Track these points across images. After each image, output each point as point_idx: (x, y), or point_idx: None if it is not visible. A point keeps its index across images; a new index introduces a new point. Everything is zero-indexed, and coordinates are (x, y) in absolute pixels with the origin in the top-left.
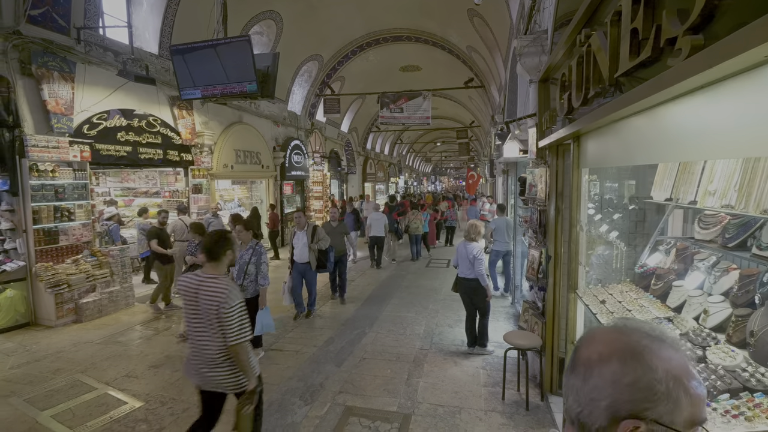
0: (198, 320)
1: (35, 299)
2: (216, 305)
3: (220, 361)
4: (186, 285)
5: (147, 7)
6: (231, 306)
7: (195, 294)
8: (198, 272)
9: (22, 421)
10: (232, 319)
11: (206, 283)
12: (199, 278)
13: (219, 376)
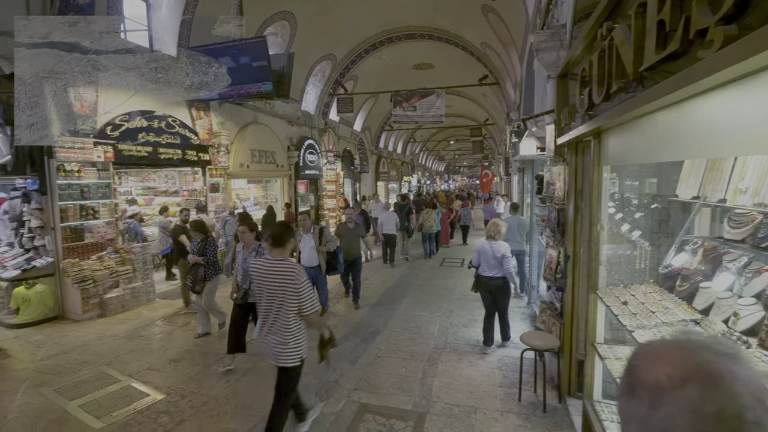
0: (270, 296)
1: (63, 294)
2: (287, 283)
3: (285, 332)
4: (258, 268)
5: (166, 11)
6: (302, 282)
7: (267, 275)
8: (267, 257)
9: (53, 410)
10: (304, 292)
11: (276, 265)
12: (270, 261)
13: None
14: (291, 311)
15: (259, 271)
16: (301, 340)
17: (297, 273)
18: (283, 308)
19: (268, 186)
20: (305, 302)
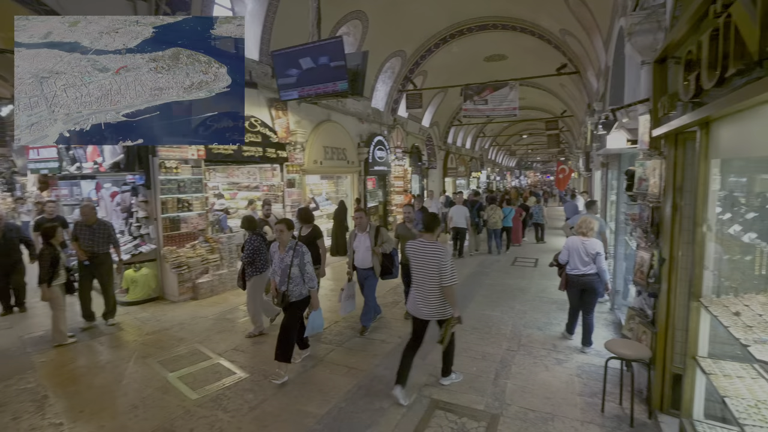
0: (422, 271)
1: (163, 277)
2: (437, 261)
3: (434, 298)
4: (414, 248)
5: (249, 18)
6: (447, 261)
7: (421, 254)
8: (420, 239)
9: (157, 379)
10: (447, 269)
11: (429, 247)
12: (423, 244)
13: (431, 309)
14: (436, 281)
15: (413, 251)
16: (445, 302)
17: (443, 253)
18: (432, 279)
19: (339, 182)
20: (446, 276)
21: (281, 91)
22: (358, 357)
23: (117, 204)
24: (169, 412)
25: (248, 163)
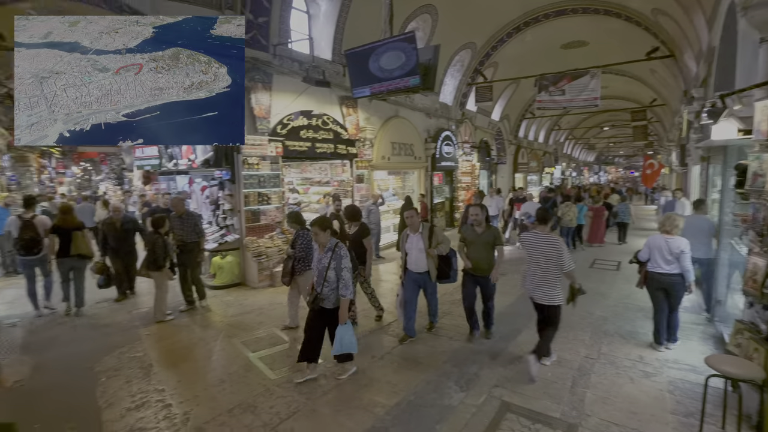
0: (539, 259)
1: (245, 265)
2: (554, 250)
3: (551, 283)
4: (530, 239)
5: (323, 20)
6: (564, 249)
7: (538, 244)
8: (535, 231)
9: (241, 358)
10: (564, 256)
11: (545, 237)
12: (538, 235)
13: (545, 293)
14: (555, 269)
15: (529, 242)
16: (561, 289)
17: (560, 242)
18: (550, 267)
19: (406, 177)
20: (565, 262)
21: (353, 88)
22: (425, 352)
23: (206, 197)
24: (251, 389)
25: (320, 159)
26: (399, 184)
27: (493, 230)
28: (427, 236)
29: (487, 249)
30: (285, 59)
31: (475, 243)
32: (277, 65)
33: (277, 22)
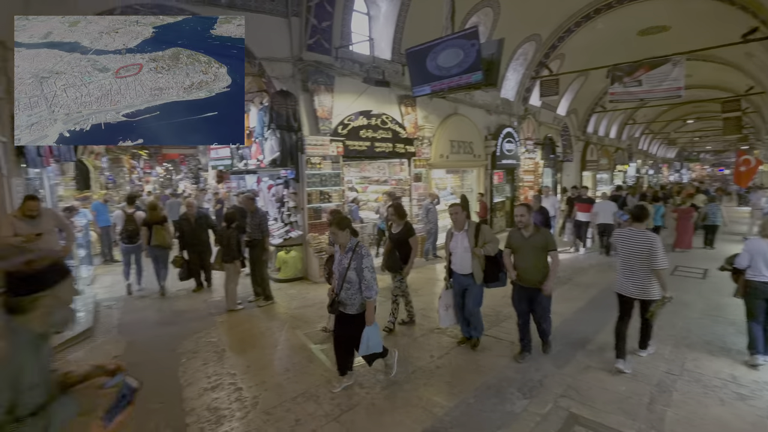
0: (633, 256)
1: (307, 260)
2: (648, 247)
3: (642, 279)
4: (624, 236)
5: (383, 20)
6: (658, 246)
7: (632, 241)
8: (629, 228)
9: (304, 349)
10: (658, 254)
11: (639, 235)
12: (633, 231)
13: (638, 288)
14: (646, 265)
15: (623, 239)
16: (655, 284)
17: (654, 239)
18: (643, 264)
19: (465, 176)
20: (658, 260)
21: (414, 87)
22: (485, 355)
23: (272, 195)
24: (314, 379)
25: (379, 159)
26: (457, 183)
27: (544, 233)
28: (473, 234)
29: (537, 255)
30: (346, 61)
31: (522, 249)
32: (339, 67)
33: (339, 26)
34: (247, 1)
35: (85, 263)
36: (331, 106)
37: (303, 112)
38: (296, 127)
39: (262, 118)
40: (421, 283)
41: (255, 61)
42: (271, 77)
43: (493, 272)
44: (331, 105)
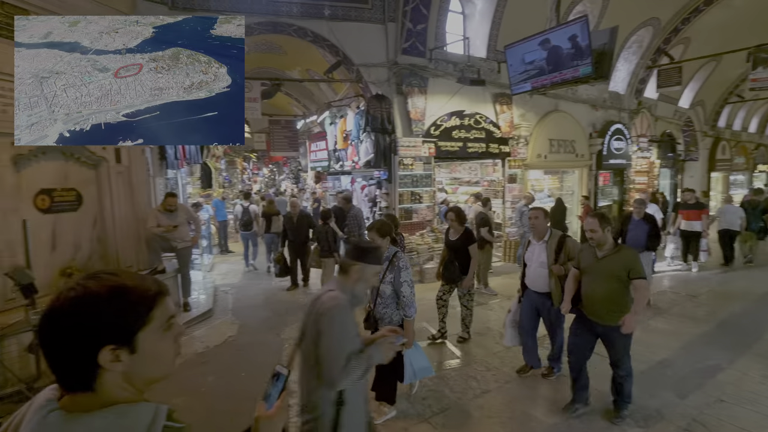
0: None
1: None
2: None
3: None
4: None
5: (478, 18)
6: None
7: None
8: None
9: None
10: None
11: None
12: None
13: None
14: None
15: None
16: None
17: None
18: None
19: (564, 177)
20: None
21: (512, 85)
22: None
23: (365, 195)
24: None
25: (471, 159)
26: (555, 185)
27: (626, 254)
28: (553, 248)
29: (610, 283)
30: (440, 62)
31: (591, 271)
32: (433, 69)
33: (434, 27)
34: (348, 12)
35: (206, 252)
36: (424, 108)
37: (396, 115)
38: (390, 129)
39: (358, 121)
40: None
41: (353, 68)
42: (367, 82)
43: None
44: (424, 106)
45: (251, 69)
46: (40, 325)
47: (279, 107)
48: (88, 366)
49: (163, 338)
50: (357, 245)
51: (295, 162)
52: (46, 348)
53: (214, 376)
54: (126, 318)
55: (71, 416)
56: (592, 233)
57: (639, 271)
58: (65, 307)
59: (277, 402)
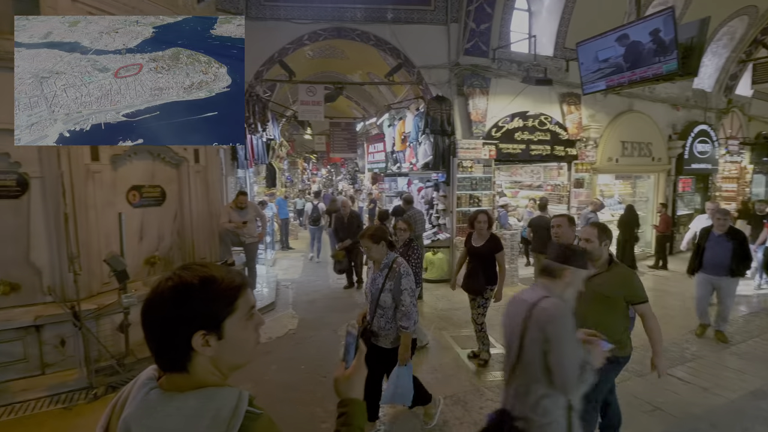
0: None
1: (453, 263)
2: None
3: None
4: None
5: (545, 15)
6: None
7: None
8: None
9: (451, 351)
10: None
11: None
12: None
13: None
14: None
15: None
16: None
17: None
18: None
19: (638, 183)
20: None
21: (584, 84)
22: (665, 396)
23: (421, 197)
24: (461, 384)
25: (534, 162)
26: (627, 191)
27: (619, 272)
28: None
29: (600, 309)
30: (503, 62)
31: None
32: (495, 69)
33: (498, 26)
34: (410, 14)
35: (270, 248)
36: (485, 109)
37: (456, 116)
38: (449, 131)
39: (417, 123)
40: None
41: (414, 70)
42: (428, 84)
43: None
44: (485, 108)
45: (314, 73)
46: (143, 310)
47: (339, 110)
48: (183, 349)
49: (246, 327)
50: (565, 249)
51: (353, 163)
52: (147, 331)
53: (277, 366)
54: (215, 306)
55: (168, 394)
56: (587, 243)
57: (638, 295)
58: (165, 294)
59: (354, 361)
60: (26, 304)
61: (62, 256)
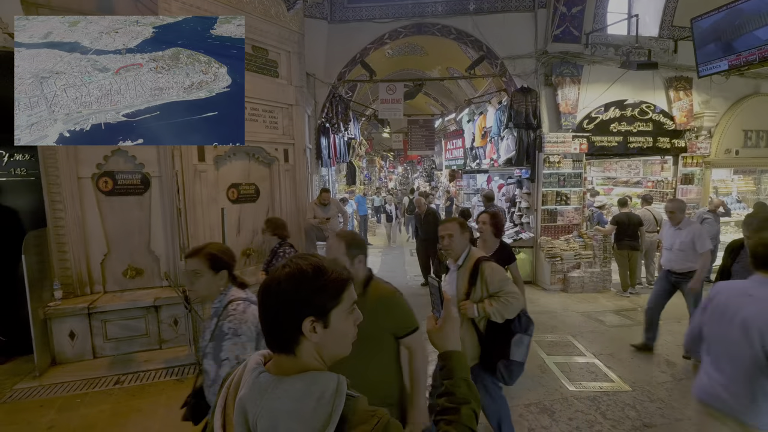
0: None
1: (536, 264)
2: None
3: None
4: None
5: None
6: None
7: None
8: None
9: (536, 357)
10: None
11: None
12: None
13: None
14: None
15: None
16: None
17: None
18: None
19: (762, 178)
20: None
21: (700, 65)
22: None
23: (503, 194)
24: (548, 392)
25: (633, 156)
26: (749, 187)
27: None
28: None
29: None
30: (598, 46)
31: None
32: (589, 55)
33: (593, 8)
34: (494, 3)
35: None
36: (576, 99)
37: (543, 108)
38: (535, 124)
39: (499, 117)
40: None
41: (497, 62)
42: (512, 75)
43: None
44: (576, 98)
45: (394, 72)
46: (260, 293)
47: (417, 107)
48: (293, 332)
49: (347, 319)
50: None
51: (429, 160)
52: (263, 313)
53: None
54: (324, 295)
55: (277, 378)
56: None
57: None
58: (282, 279)
59: (443, 311)
60: (147, 287)
61: (175, 246)
